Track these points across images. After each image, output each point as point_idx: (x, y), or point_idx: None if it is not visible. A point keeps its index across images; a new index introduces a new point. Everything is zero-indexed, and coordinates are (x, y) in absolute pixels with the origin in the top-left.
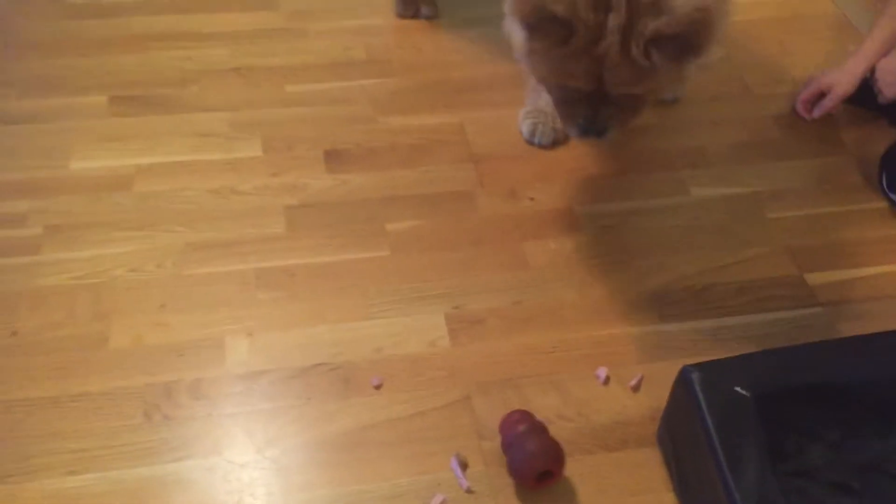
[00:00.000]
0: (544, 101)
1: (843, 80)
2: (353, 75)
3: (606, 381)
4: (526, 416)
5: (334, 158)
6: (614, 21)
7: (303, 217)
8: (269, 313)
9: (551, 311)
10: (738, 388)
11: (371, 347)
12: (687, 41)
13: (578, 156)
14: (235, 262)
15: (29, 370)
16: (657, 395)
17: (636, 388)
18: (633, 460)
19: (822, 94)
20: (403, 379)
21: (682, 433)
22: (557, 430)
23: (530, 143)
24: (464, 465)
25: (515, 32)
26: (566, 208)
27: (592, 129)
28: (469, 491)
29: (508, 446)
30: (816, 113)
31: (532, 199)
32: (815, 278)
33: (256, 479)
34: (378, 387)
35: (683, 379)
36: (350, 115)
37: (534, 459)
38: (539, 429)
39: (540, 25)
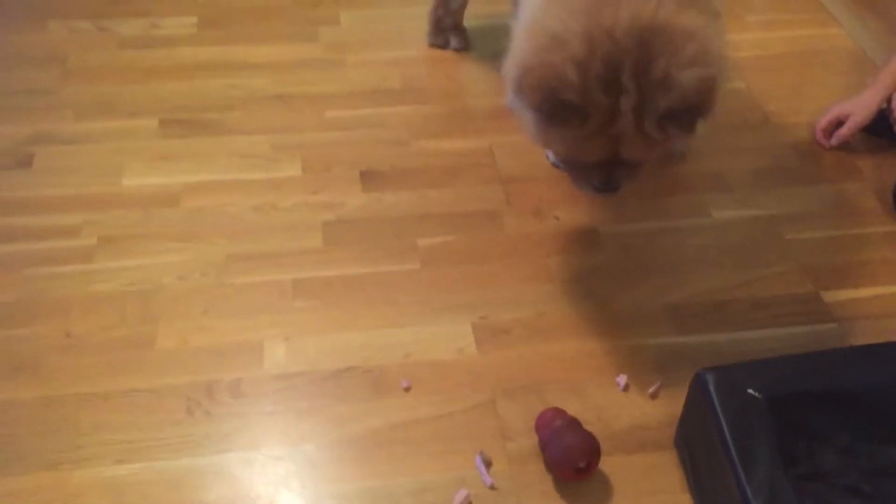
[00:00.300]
0: None
1: (860, 109)
2: (389, 102)
3: (626, 388)
4: (560, 412)
5: (370, 178)
6: (627, 102)
7: (339, 232)
8: (305, 320)
9: (574, 322)
10: (751, 391)
11: (401, 353)
12: (697, 111)
13: None
14: (274, 272)
15: (81, 368)
16: (674, 402)
17: (654, 395)
18: (650, 462)
19: (839, 123)
20: (431, 382)
21: (697, 434)
22: None
23: (556, 166)
24: (488, 464)
25: (525, 114)
26: (589, 227)
27: (607, 188)
28: (492, 488)
29: (546, 442)
30: (834, 141)
31: (557, 217)
32: (830, 296)
33: (292, 472)
34: (407, 389)
35: (699, 381)
36: (385, 139)
37: (573, 452)
38: (574, 424)
39: (554, 112)
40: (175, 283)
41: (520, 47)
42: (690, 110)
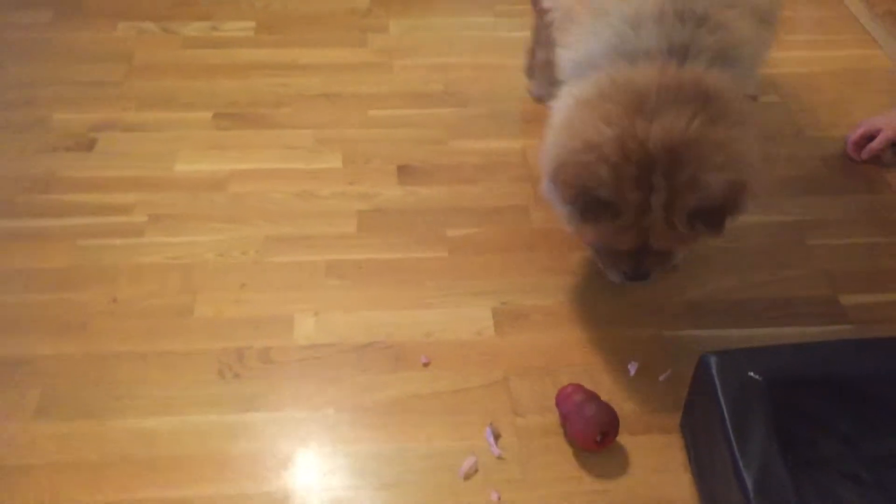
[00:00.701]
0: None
1: (891, 124)
2: (430, 104)
3: (637, 373)
4: (579, 387)
5: (406, 172)
6: (657, 199)
7: (373, 220)
8: (334, 297)
9: (591, 312)
10: (751, 374)
11: (423, 332)
12: (725, 211)
13: None
14: (309, 253)
15: (124, 330)
16: (683, 390)
17: (664, 383)
18: (655, 444)
19: (871, 138)
20: (449, 360)
21: (698, 415)
22: None
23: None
24: (497, 436)
25: (559, 205)
26: None
27: (637, 277)
28: (500, 458)
29: (567, 415)
30: (864, 155)
31: None
32: (848, 299)
33: (312, 432)
34: (426, 364)
35: (702, 363)
36: (423, 137)
37: (593, 423)
38: (593, 396)
39: (587, 208)
40: (216, 259)
41: (554, 143)
42: (718, 210)
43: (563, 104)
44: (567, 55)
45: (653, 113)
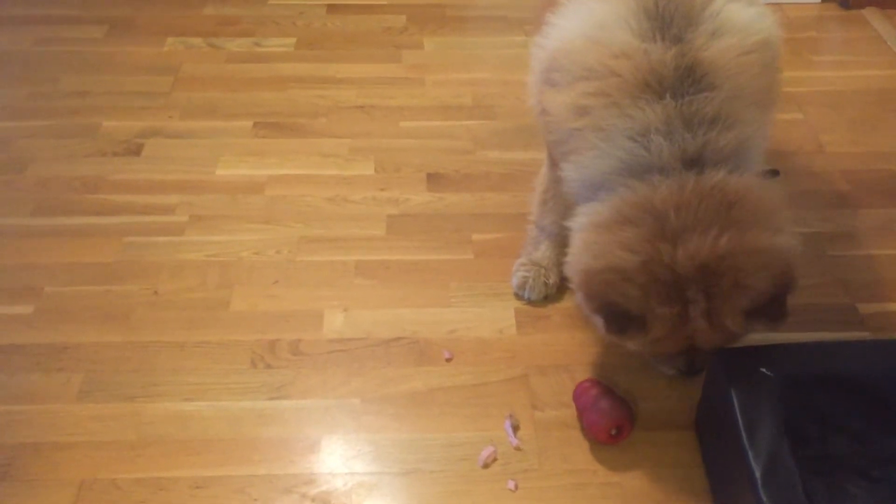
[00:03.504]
0: (541, 253)
1: None
2: (460, 117)
3: (654, 374)
4: (596, 382)
5: (434, 180)
6: (696, 310)
7: (401, 224)
8: (363, 295)
9: None
10: (763, 369)
11: (446, 329)
12: (783, 300)
13: None
14: (340, 254)
15: (163, 321)
16: (699, 389)
17: (680, 381)
18: (668, 439)
19: None
20: (471, 356)
21: (711, 410)
22: None
23: (519, 297)
24: (515, 428)
25: (589, 313)
26: None
27: (691, 372)
28: (517, 448)
29: (583, 409)
30: None
31: None
32: (866, 308)
33: (337, 420)
34: (449, 359)
35: (716, 359)
36: (453, 148)
37: (608, 417)
38: (610, 391)
39: (615, 320)
40: (252, 257)
41: (578, 260)
42: (774, 302)
43: (579, 226)
44: (575, 176)
45: (676, 236)
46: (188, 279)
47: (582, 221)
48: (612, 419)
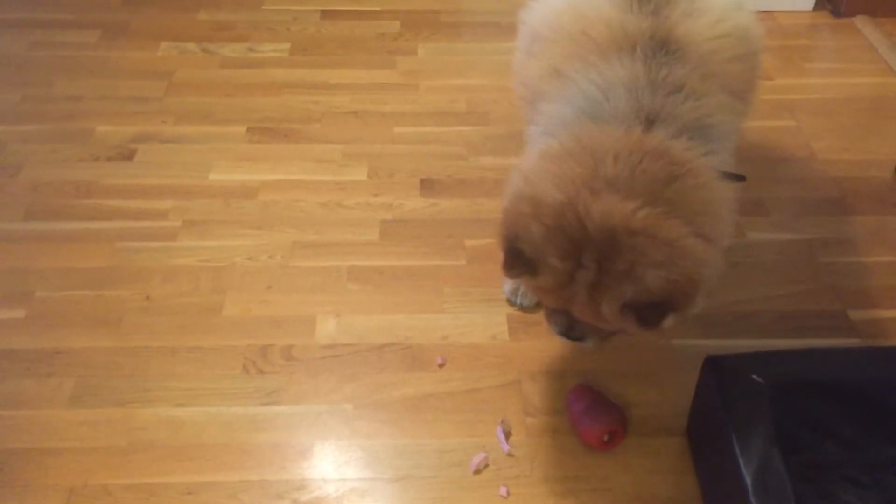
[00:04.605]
0: None
1: None
2: (453, 122)
3: (646, 381)
4: (589, 388)
5: (428, 186)
6: (583, 276)
7: (395, 229)
8: (355, 300)
9: None
10: (754, 376)
11: (439, 335)
12: (664, 308)
13: None
14: (333, 259)
15: (156, 326)
16: (691, 396)
17: (672, 388)
18: (660, 446)
19: None
20: (464, 361)
21: (702, 416)
22: None
23: (512, 303)
24: (507, 434)
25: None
26: None
27: (569, 335)
28: (509, 454)
29: (576, 415)
30: None
31: None
32: (857, 314)
33: (329, 426)
34: (441, 365)
35: (707, 365)
36: (446, 153)
37: (601, 423)
38: (603, 397)
39: (508, 256)
40: (245, 263)
41: (512, 186)
42: (655, 307)
43: (529, 157)
44: (537, 129)
45: (602, 186)
46: (181, 284)
47: (531, 152)
48: (606, 425)
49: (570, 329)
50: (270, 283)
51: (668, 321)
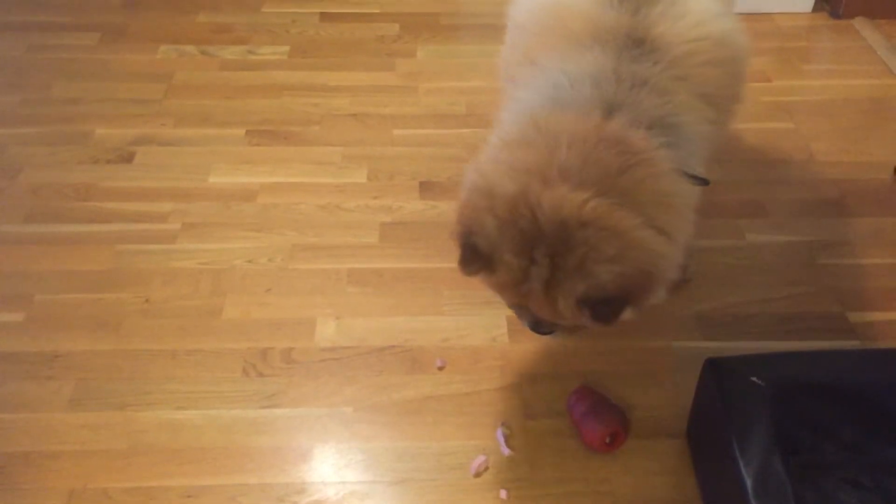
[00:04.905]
0: None
1: None
2: (453, 125)
3: (646, 383)
4: (590, 390)
5: (427, 188)
6: (537, 273)
7: (394, 232)
8: (355, 303)
9: None
10: (754, 378)
11: (439, 337)
12: (618, 303)
13: None
14: (333, 262)
15: (156, 329)
16: (691, 398)
17: (673, 390)
18: (661, 448)
19: None
20: (464, 364)
21: (702, 418)
22: None
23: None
24: (508, 436)
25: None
26: None
27: (538, 330)
28: (509, 458)
29: (578, 417)
30: None
31: None
32: (856, 316)
33: (329, 429)
34: (441, 368)
35: (707, 367)
36: (446, 156)
37: (603, 425)
38: (604, 399)
39: (464, 252)
40: (244, 265)
41: (468, 178)
42: (609, 302)
43: (490, 143)
44: (508, 116)
45: (557, 174)
46: (180, 287)
47: (494, 138)
48: (609, 427)
49: (538, 325)
50: (270, 285)
51: (627, 314)
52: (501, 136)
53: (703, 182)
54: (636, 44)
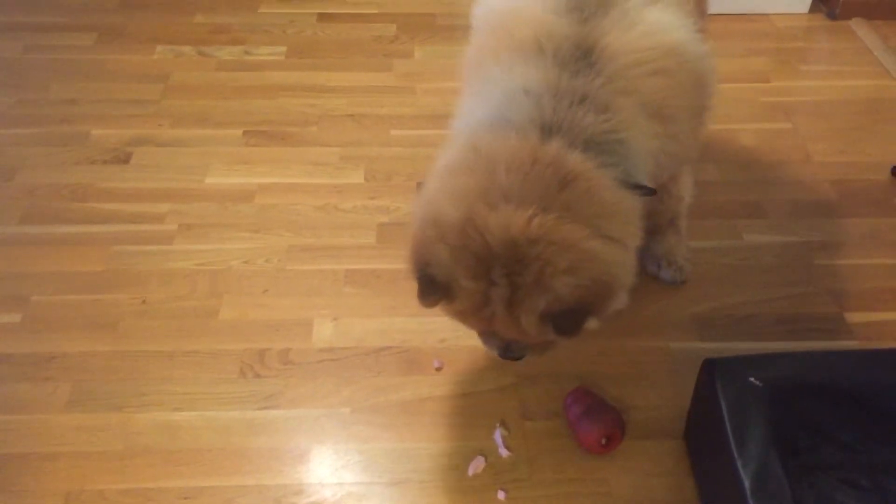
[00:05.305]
0: None
1: None
2: (449, 125)
3: (644, 384)
4: (587, 392)
5: None
6: (498, 294)
7: (392, 232)
8: (353, 304)
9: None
10: (752, 379)
11: (437, 338)
12: (579, 314)
13: None
14: (330, 262)
15: (153, 330)
16: (688, 399)
17: (670, 391)
18: (659, 449)
19: None
20: (461, 365)
21: (700, 419)
22: None
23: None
24: (505, 437)
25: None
26: None
27: (507, 356)
28: (507, 458)
29: (574, 418)
30: None
31: None
32: (854, 317)
33: (327, 429)
34: (438, 369)
35: (704, 368)
36: None
37: (599, 426)
38: (600, 401)
39: (421, 284)
40: (241, 266)
41: (417, 209)
42: (570, 314)
43: (435, 169)
44: (457, 124)
45: (498, 198)
46: (177, 288)
47: (437, 164)
48: (603, 428)
49: (507, 349)
50: (267, 286)
51: (591, 324)
52: (443, 163)
53: (650, 192)
54: (583, 54)
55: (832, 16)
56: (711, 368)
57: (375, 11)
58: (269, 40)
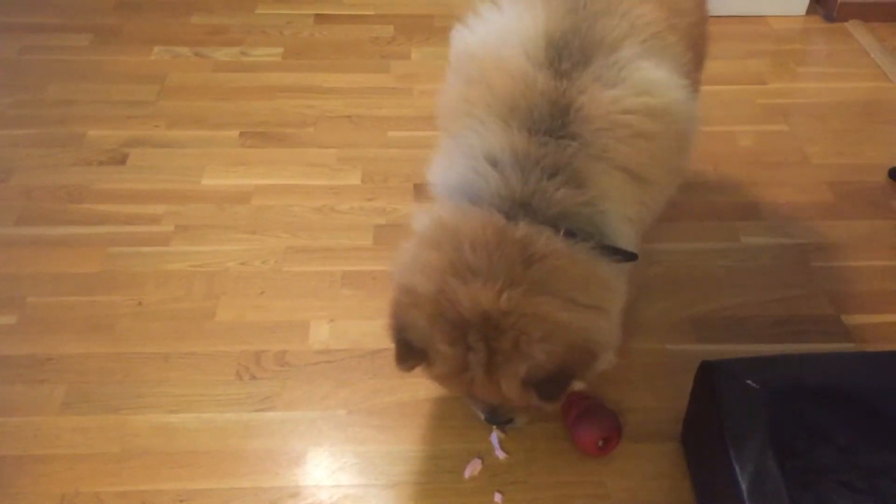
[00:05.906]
0: None
1: None
2: None
3: (641, 386)
4: (584, 394)
5: (422, 190)
6: (476, 358)
7: (389, 234)
8: (349, 305)
9: None
10: (749, 382)
11: None
12: (564, 380)
13: None
14: (327, 264)
15: (148, 332)
16: (685, 401)
17: (667, 393)
18: (656, 451)
19: None
20: None
21: (697, 421)
22: None
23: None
24: (502, 440)
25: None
26: None
27: (495, 420)
28: (504, 461)
29: (571, 421)
30: None
31: None
32: (851, 319)
33: (323, 432)
34: None
35: (702, 370)
36: None
37: (596, 429)
38: (598, 403)
39: (399, 348)
40: (238, 268)
41: (395, 273)
42: (552, 380)
43: (412, 238)
44: (431, 178)
45: (465, 274)
46: (173, 289)
47: (414, 231)
48: (600, 431)
49: (494, 413)
50: (264, 288)
51: (576, 385)
52: (418, 231)
53: (631, 257)
54: (560, 113)
55: (829, 18)
56: (708, 371)
57: (372, 13)
58: (265, 41)
